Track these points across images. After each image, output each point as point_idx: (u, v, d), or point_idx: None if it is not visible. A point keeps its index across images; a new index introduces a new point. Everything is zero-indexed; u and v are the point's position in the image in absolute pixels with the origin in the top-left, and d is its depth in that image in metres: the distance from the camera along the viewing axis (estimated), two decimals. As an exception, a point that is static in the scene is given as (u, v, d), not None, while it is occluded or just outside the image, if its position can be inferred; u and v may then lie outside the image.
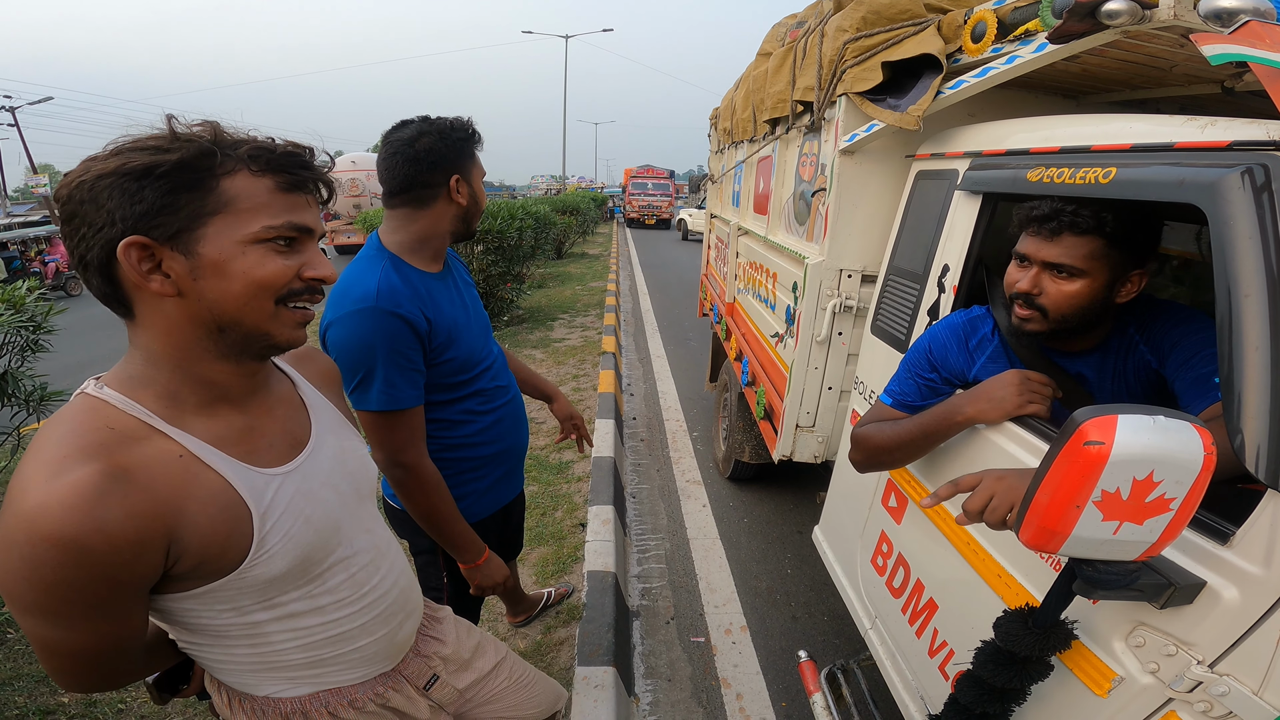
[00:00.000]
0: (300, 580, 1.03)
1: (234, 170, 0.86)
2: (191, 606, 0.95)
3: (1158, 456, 0.80)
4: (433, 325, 1.62)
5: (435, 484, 1.66)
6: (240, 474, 0.95)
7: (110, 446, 0.83)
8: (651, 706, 2.67)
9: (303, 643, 1.08)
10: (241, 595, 0.97)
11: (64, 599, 0.81)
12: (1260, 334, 0.92)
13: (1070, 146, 1.42)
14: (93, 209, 0.82)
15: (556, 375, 6.68)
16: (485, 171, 1.76)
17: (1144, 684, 1.08)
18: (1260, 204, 0.94)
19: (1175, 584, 0.97)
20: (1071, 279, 1.37)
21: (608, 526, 3.62)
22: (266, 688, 1.10)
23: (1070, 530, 0.87)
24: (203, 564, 0.90)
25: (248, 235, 0.87)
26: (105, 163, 0.82)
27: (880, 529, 2.03)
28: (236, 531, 0.93)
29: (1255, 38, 0.96)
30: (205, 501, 0.90)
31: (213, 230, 0.86)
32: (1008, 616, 1.20)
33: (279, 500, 0.98)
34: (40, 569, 0.78)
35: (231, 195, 0.86)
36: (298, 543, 1.00)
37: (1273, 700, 0.90)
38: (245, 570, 0.94)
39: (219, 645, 1.03)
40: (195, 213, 0.84)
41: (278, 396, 1.08)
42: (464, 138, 1.66)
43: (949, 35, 1.91)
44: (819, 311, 2.50)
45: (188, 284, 0.86)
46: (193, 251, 0.85)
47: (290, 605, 1.03)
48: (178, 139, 0.84)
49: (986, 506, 1.16)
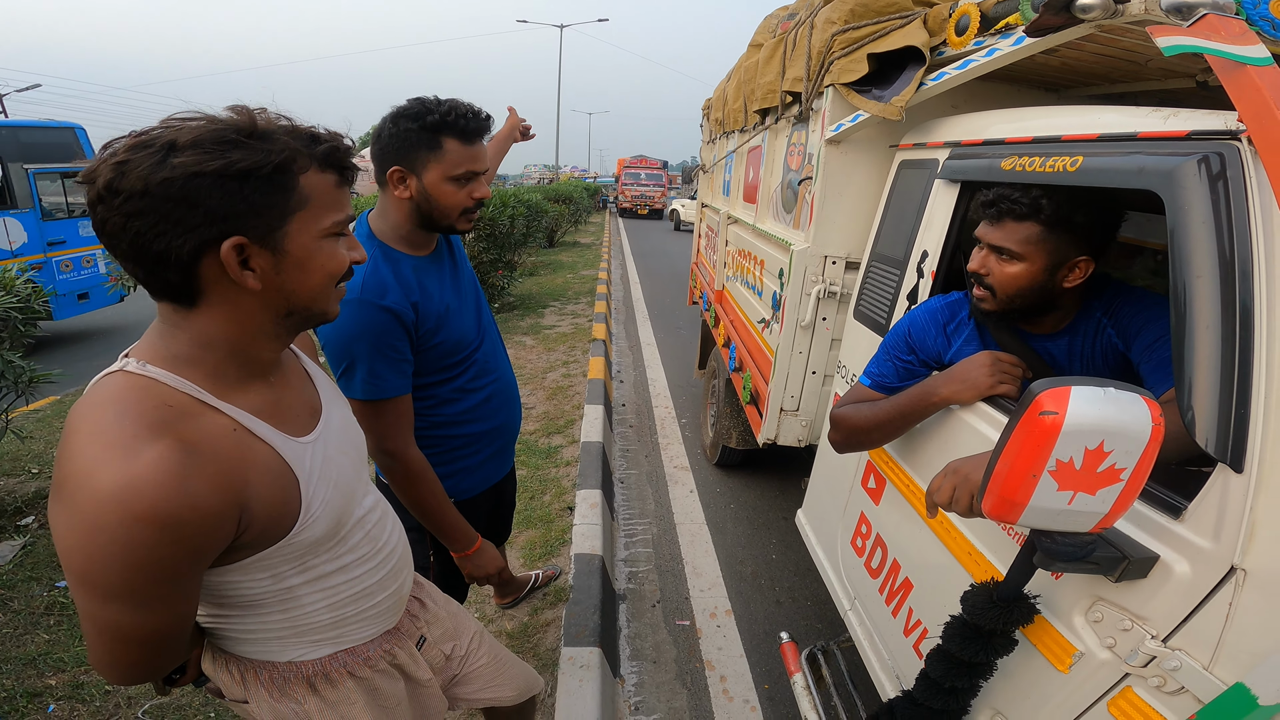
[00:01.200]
0: (330, 541, 1.08)
1: (307, 168, 0.90)
2: (236, 579, 0.99)
3: (1108, 427, 0.84)
4: (421, 313, 1.60)
5: (422, 471, 1.64)
6: (285, 444, 0.99)
7: (172, 423, 0.84)
8: (636, 688, 2.71)
9: (330, 602, 1.13)
10: (283, 561, 1.01)
11: (154, 578, 0.83)
12: (1211, 314, 0.95)
13: (1042, 136, 1.46)
14: (185, 209, 0.80)
15: (547, 361, 6.71)
16: (469, 164, 1.56)
17: (1102, 659, 1.11)
18: (1215, 191, 0.98)
19: (1129, 557, 1.01)
20: (1012, 261, 1.45)
21: (595, 510, 3.66)
22: (291, 652, 1.15)
23: (1028, 500, 0.91)
24: (264, 531, 0.95)
25: (322, 230, 0.92)
26: (187, 159, 0.80)
27: (860, 510, 2.07)
28: (289, 498, 0.98)
29: (1211, 30, 0.99)
30: (262, 471, 0.94)
31: (294, 227, 0.90)
32: (974, 590, 1.25)
33: (314, 467, 1.03)
34: (134, 549, 0.78)
35: (307, 193, 0.90)
36: (332, 506, 1.05)
37: (1222, 674, 0.93)
38: (295, 535, 0.99)
39: (251, 615, 1.06)
40: (283, 211, 0.88)
41: (290, 369, 1.12)
42: (412, 127, 1.51)
43: (934, 28, 1.94)
44: (804, 297, 2.55)
45: (270, 278, 0.90)
46: (279, 248, 0.89)
47: (321, 567, 1.08)
48: (258, 133, 0.85)
49: (951, 498, 1.21)
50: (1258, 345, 0.91)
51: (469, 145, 1.54)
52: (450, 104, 1.53)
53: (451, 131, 1.51)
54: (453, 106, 1.52)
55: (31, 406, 4.68)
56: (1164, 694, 1.02)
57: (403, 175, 1.55)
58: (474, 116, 1.54)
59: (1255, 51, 0.95)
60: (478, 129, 1.56)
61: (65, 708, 2.39)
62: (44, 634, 2.75)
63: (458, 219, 1.62)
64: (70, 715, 2.36)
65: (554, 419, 5.14)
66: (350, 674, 1.21)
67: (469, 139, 1.54)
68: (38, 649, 2.65)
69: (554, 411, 5.30)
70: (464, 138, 1.53)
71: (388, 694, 1.28)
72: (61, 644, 2.69)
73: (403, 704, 1.32)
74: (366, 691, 1.24)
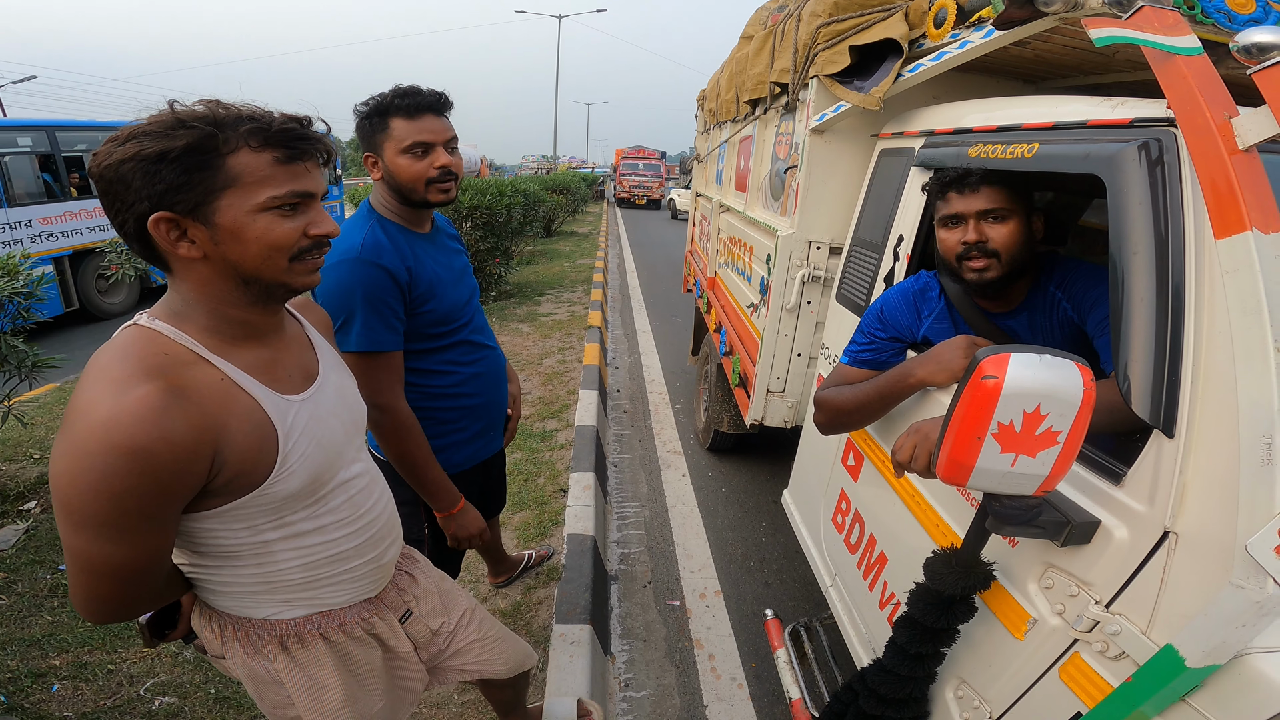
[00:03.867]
0: (308, 499, 1.16)
1: (237, 148, 0.97)
2: (212, 526, 1.07)
3: (1043, 390, 0.90)
4: (414, 276, 1.72)
5: (410, 427, 1.74)
6: (269, 398, 1.08)
7: (166, 368, 0.95)
8: (627, 665, 2.77)
9: (304, 561, 1.20)
10: (259, 513, 1.09)
11: (125, 509, 0.91)
12: (1146, 288, 1.02)
13: (1005, 125, 1.53)
14: (122, 188, 0.93)
15: (542, 348, 6.77)
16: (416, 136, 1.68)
17: (1053, 625, 1.16)
18: (1153, 175, 1.05)
19: (1072, 521, 1.07)
20: (1005, 219, 1.51)
21: (588, 492, 3.72)
22: (265, 609, 1.22)
23: (974, 462, 0.97)
24: (237, 477, 1.03)
25: (255, 205, 0.98)
26: (124, 148, 0.92)
27: (840, 487, 2.14)
28: (265, 448, 1.06)
29: (1145, 21, 1.05)
30: (242, 419, 1.03)
31: (225, 203, 0.97)
32: (934, 556, 1.31)
33: (297, 423, 1.11)
34: (110, 478, 0.88)
35: (237, 171, 0.97)
36: (311, 462, 1.13)
37: (1157, 638, 0.97)
38: (269, 486, 1.07)
39: (228, 566, 1.14)
40: (209, 188, 0.96)
41: (292, 335, 1.22)
42: (366, 116, 1.71)
43: (915, 21, 2.00)
44: (789, 281, 2.61)
45: (211, 248, 0.99)
46: (211, 222, 0.97)
47: (298, 524, 1.16)
48: (181, 123, 0.94)
49: (911, 456, 1.28)
50: (1186, 316, 0.97)
51: (413, 119, 1.68)
52: (395, 89, 1.69)
53: (394, 111, 1.67)
54: (395, 90, 1.68)
55: (34, 392, 4.72)
56: (1107, 659, 1.06)
57: (374, 160, 1.74)
58: (413, 95, 1.68)
59: (1185, 42, 1.01)
60: (418, 104, 1.68)
61: (69, 687, 2.44)
62: (48, 615, 2.80)
63: (426, 190, 1.73)
64: (74, 694, 2.41)
65: (549, 404, 5.20)
66: (322, 636, 1.28)
67: (411, 114, 1.68)
68: (42, 630, 2.70)
69: (549, 396, 5.37)
70: (407, 114, 1.67)
71: (360, 660, 1.35)
72: (65, 625, 2.74)
73: (375, 672, 1.39)
74: (337, 655, 1.30)
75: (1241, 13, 1.29)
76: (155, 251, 0.99)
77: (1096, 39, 1.11)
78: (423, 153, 1.69)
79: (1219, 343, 0.93)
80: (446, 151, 1.72)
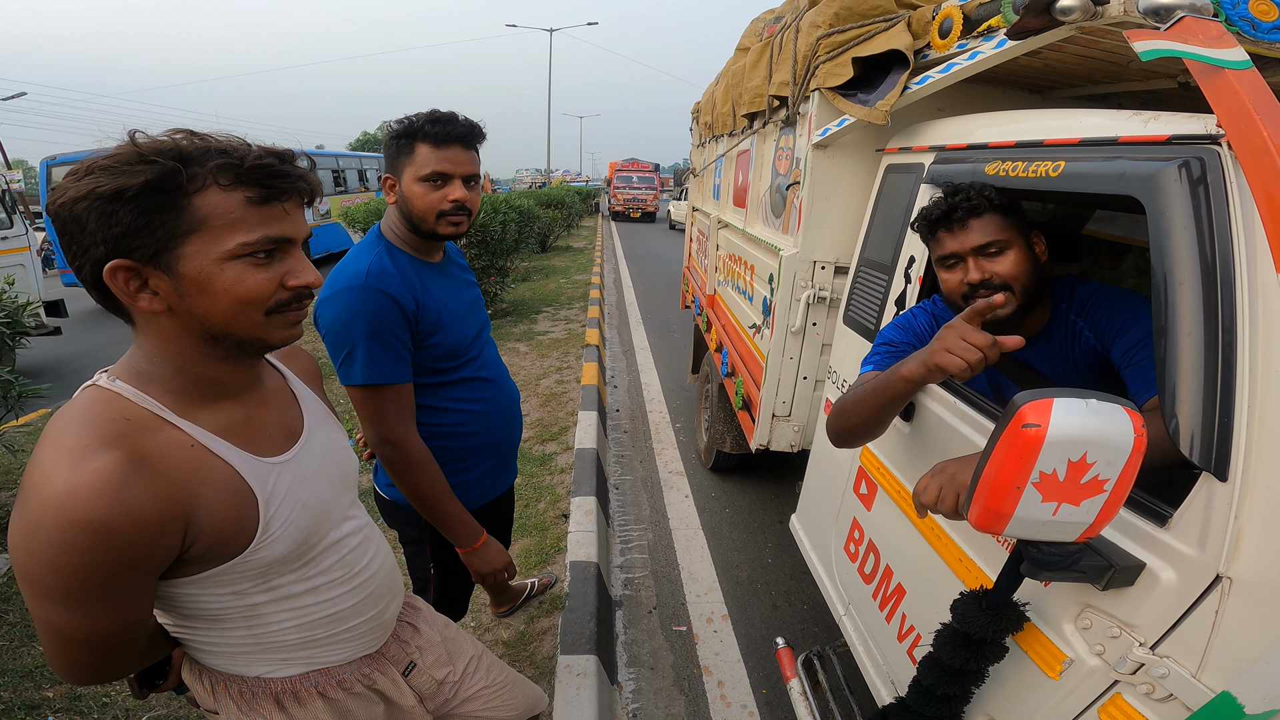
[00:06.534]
0: (296, 563, 1.08)
1: (205, 186, 0.86)
2: (194, 591, 0.99)
3: (1090, 438, 0.83)
4: (421, 306, 1.65)
5: (424, 461, 1.67)
6: (246, 463, 0.99)
7: (128, 435, 0.86)
8: (634, 694, 2.70)
9: (299, 622, 1.12)
10: (243, 578, 1.01)
11: (87, 583, 0.84)
12: (1193, 321, 0.95)
13: (1025, 141, 1.46)
14: (77, 229, 0.83)
15: (540, 368, 6.70)
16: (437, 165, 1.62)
17: (1091, 666, 1.11)
18: (1196, 196, 0.98)
19: (1115, 565, 1.00)
20: (1005, 250, 1.44)
21: (590, 517, 3.66)
22: (259, 668, 1.14)
23: (1013, 511, 0.90)
24: (214, 547, 0.95)
25: (224, 253, 0.87)
26: (80, 184, 0.82)
27: (852, 516, 2.06)
28: (244, 516, 0.98)
29: (1188, 33, 0.99)
30: (216, 487, 0.94)
31: (190, 249, 0.86)
32: (964, 598, 1.24)
33: (280, 487, 1.03)
34: (68, 553, 0.80)
35: (204, 213, 0.86)
36: (297, 526, 1.05)
37: (1209, 682, 0.92)
38: (251, 553, 0.99)
39: (215, 629, 1.07)
40: (171, 233, 0.85)
41: (271, 389, 1.12)
42: (394, 137, 1.64)
43: (918, 31, 1.94)
44: (793, 302, 2.54)
45: (175, 300, 0.89)
46: (174, 271, 0.86)
47: (287, 587, 1.08)
48: (142, 157, 0.83)
49: (938, 498, 1.20)
50: (1240, 352, 0.91)
51: (439, 148, 1.61)
52: (429, 113, 1.61)
53: (422, 136, 1.60)
54: (428, 115, 1.61)
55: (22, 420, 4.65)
56: (1153, 701, 1.01)
57: (392, 183, 1.67)
58: (445, 123, 1.61)
59: (1233, 55, 0.95)
60: (447, 134, 1.61)
61: (63, 719, 2.38)
62: (40, 646, 2.72)
63: (436, 222, 1.66)
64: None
65: (548, 426, 5.12)
66: (321, 694, 1.20)
67: (439, 143, 1.61)
68: (34, 661, 2.65)
69: (548, 418, 5.29)
70: (434, 141, 1.60)
71: (360, 717, 1.27)
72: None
73: None
74: (336, 712, 1.23)
75: (1265, 20, 1.23)
76: (114, 302, 0.89)
77: (1141, 52, 1.04)
78: (440, 183, 1.63)
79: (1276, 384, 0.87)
80: (464, 185, 1.66)
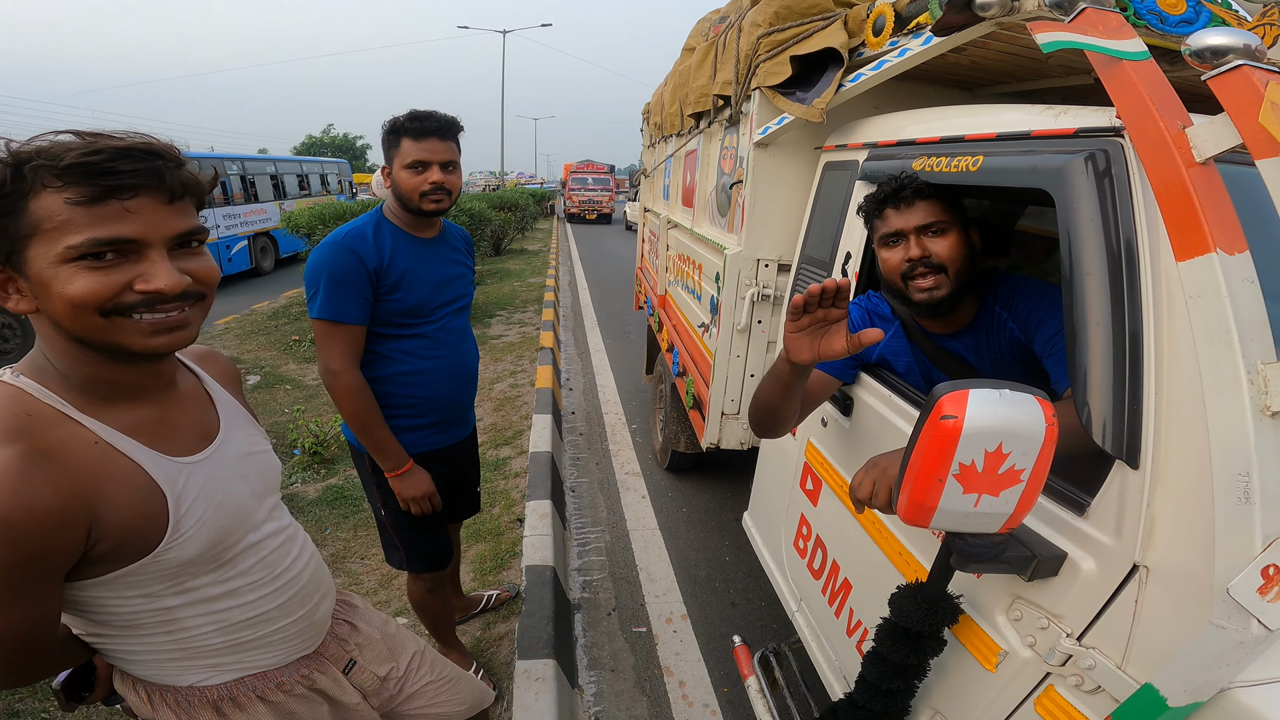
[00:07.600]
0: (211, 564, 1.06)
1: (35, 189, 0.82)
2: (102, 595, 0.97)
3: (1005, 428, 0.85)
4: (388, 266, 1.94)
5: (358, 390, 1.94)
6: (154, 461, 0.97)
7: (29, 430, 0.86)
8: (596, 697, 2.68)
9: (219, 626, 1.10)
10: (153, 580, 0.99)
11: None
12: (1101, 311, 0.97)
13: (949, 136, 1.49)
14: None
15: (494, 372, 6.62)
16: (417, 155, 1.92)
17: (1025, 658, 1.12)
18: (1101, 188, 1.00)
19: (1038, 555, 1.02)
20: (945, 232, 1.47)
21: (545, 521, 3.62)
22: (189, 677, 1.12)
23: (937, 504, 0.91)
24: (121, 545, 0.93)
25: (55, 255, 0.83)
26: None
27: (800, 512, 2.08)
28: (152, 514, 0.96)
29: (1089, 25, 1.00)
30: (122, 484, 0.93)
31: (32, 252, 0.84)
32: (900, 592, 1.26)
33: (191, 486, 1.01)
34: None
35: (38, 216, 0.83)
36: (211, 527, 1.03)
37: (1134, 673, 0.93)
38: (161, 553, 0.97)
39: (132, 635, 1.04)
40: (14, 235, 0.83)
41: (185, 391, 1.11)
42: (385, 133, 1.98)
43: (854, 29, 1.96)
44: (739, 300, 2.55)
45: (34, 303, 0.87)
46: (25, 273, 0.86)
47: (203, 590, 1.06)
48: None
49: (871, 493, 1.21)
50: (1146, 341, 0.93)
51: (419, 141, 1.92)
52: (410, 112, 1.94)
53: (405, 132, 1.93)
54: (409, 114, 1.94)
55: None
56: (1083, 693, 1.02)
57: (387, 171, 2.01)
58: (421, 120, 1.93)
59: (1130, 46, 0.96)
60: (424, 129, 1.92)
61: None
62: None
63: (420, 200, 1.97)
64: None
65: (502, 430, 5.07)
66: (261, 698, 1.18)
67: (418, 136, 1.92)
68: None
69: (501, 423, 5.24)
70: (414, 135, 1.92)
71: (305, 717, 1.26)
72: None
73: None
74: (281, 715, 1.21)
75: (1172, 13, 1.27)
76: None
77: (1043, 44, 1.06)
78: (420, 169, 1.93)
79: (1184, 371, 0.88)
80: (441, 170, 1.95)
